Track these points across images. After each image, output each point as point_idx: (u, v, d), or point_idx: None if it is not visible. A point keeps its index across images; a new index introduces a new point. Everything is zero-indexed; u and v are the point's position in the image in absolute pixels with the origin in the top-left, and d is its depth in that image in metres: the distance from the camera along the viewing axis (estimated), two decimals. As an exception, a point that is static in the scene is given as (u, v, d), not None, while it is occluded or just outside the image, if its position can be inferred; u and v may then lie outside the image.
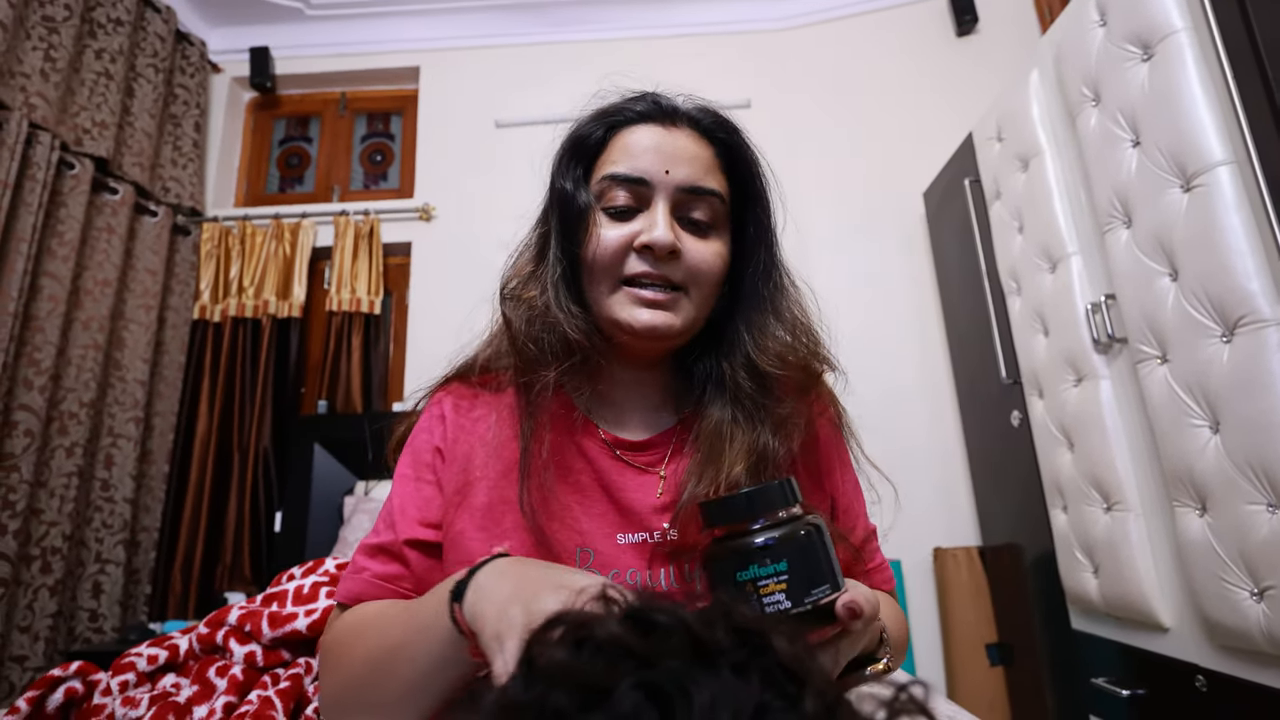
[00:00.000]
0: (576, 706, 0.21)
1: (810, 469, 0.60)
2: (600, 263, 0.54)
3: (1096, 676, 1.32)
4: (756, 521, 0.41)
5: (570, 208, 0.56)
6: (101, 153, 1.94)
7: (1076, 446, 1.35)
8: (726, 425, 0.55)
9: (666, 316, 0.53)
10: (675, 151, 0.55)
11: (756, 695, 0.21)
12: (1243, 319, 0.97)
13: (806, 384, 0.59)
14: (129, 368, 1.95)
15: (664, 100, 0.58)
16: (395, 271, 2.36)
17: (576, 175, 0.57)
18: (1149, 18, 1.12)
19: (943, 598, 1.86)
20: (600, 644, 0.23)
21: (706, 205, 0.55)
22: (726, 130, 0.58)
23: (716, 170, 0.57)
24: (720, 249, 0.56)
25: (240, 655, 0.88)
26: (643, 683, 0.21)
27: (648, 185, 0.54)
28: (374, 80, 2.53)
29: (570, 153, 0.58)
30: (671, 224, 0.53)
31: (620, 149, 0.56)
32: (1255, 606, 0.96)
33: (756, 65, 2.37)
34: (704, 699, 0.21)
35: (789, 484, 0.42)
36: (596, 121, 0.58)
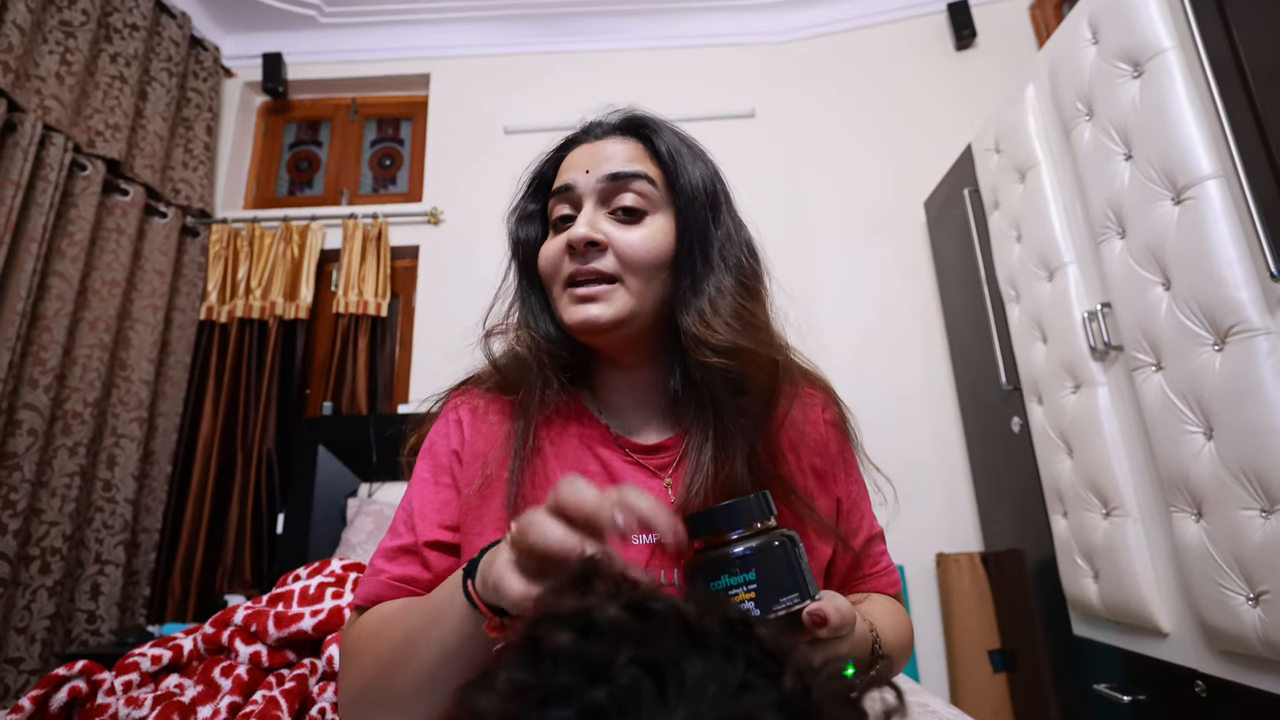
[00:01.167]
0: (580, 683, 0.23)
1: (817, 472, 0.61)
2: (545, 273, 0.57)
3: (1098, 682, 1.33)
4: (733, 534, 0.44)
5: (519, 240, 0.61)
6: (113, 154, 1.97)
7: (1075, 452, 1.36)
8: (710, 437, 0.54)
9: (596, 308, 0.54)
10: (597, 154, 0.58)
11: (741, 674, 0.23)
12: (1233, 328, 0.99)
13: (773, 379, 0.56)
14: (134, 368, 1.97)
15: (594, 121, 0.62)
16: (402, 274, 2.39)
17: (529, 211, 0.62)
18: (1139, 37, 1.15)
19: (945, 604, 1.86)
20: (601, 627, 0.25)
21: (634, 191, 0.56)
22: (645, 125, 0.60)
23: (645, 159, 0.58)
24: (652, 232, 0.55)
25: (245, 655, 0.88)
26: (639, 660, 0.23)
27: (573, 190, 0.57)
28: (385, 86, 2.58)
29: (529, 191, 0.63)
30: (595, 218, 0.55)
31: (560, 171, 0.60)
32: (1251, 611, 0.97)
33: (761, 76, 2.41)
34: (695, 675, 0.23)
35: (764, 498, 0.45)
36: (548, 159, 0.63)
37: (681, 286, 0.56)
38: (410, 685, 0.47)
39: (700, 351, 0.53)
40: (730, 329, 0.54)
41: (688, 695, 0.22)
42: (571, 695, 0.22)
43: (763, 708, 0.22)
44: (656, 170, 0.58)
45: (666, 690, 0.22)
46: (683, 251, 0.56)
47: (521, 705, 0.23)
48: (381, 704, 0.49)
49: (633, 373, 0.61)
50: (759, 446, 0.54)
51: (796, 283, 0.64)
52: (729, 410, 0.54)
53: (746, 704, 0.22)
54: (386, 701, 0.49)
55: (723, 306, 0.55)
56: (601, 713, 0.22)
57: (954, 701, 1.76)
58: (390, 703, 0.48)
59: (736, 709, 0.22)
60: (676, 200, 0.58)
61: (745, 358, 0.54)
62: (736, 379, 0.54)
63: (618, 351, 0.60)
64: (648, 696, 0.22)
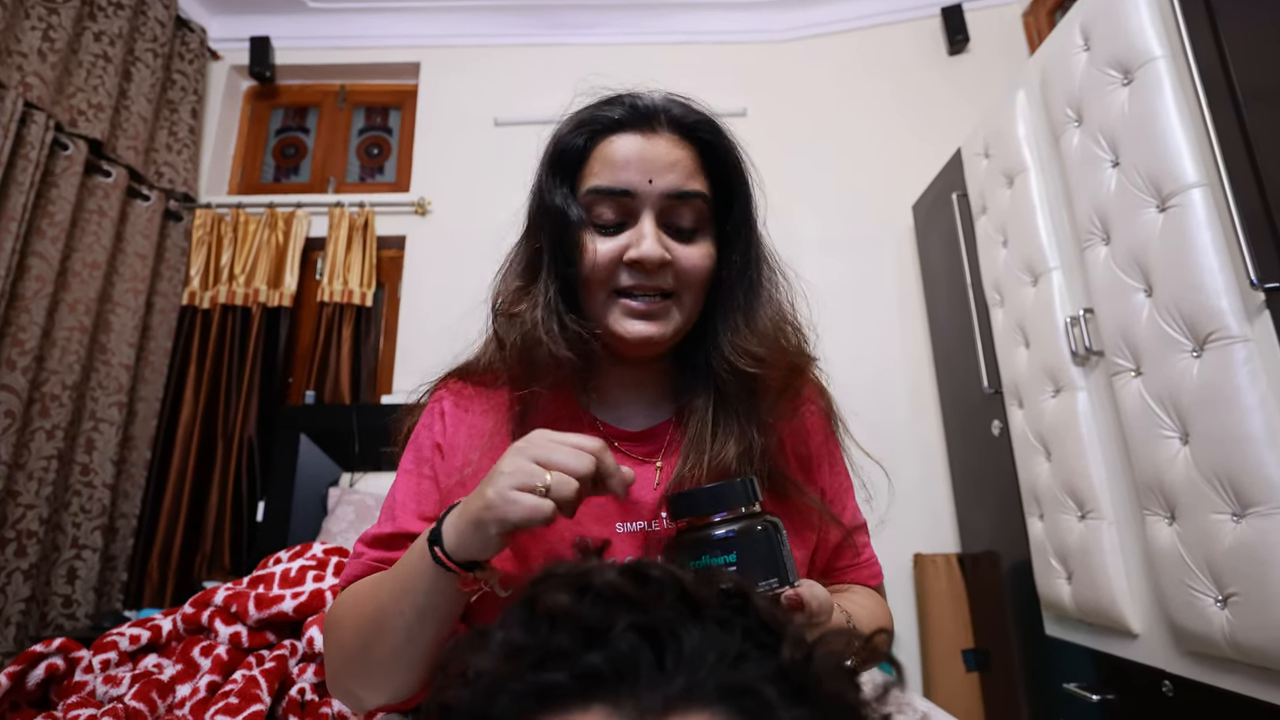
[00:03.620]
0: (577, 646, 0.23)
1: (802, 461, 0.62)
2: (594, 277, 0.55)
3: (1069, 682, 1.35)
4: (716, 516, 0.44)
5: (562, 224, 0.55)
6: (96, 135, 1.92)
7: (1054, 456, 1.39)
8: (713, 413, 0.56)
9: (658, 326, 0.55)
10: (657, 158, 0.54)
11: (738, 644, 0.23)
12: (1212, 335, 1.01)
13: (789, 382, 0.59)
14: (114, 351, 1.93)
15: (642, 103, 0.57)
16: (388, 264, 2.36)
17: (565, 191, 0.56)
18: (1130, 44, 1.17)
19: (922, 603, 1.89)
20: (599, 591, 0.25)
21: (691, 209, 0.55)
22: (708, 130, 0.58)
23: (699, 172, 0.56)
24: (707, 249, 0.57)
25: (225, 636, 0.88)
26: (638, 625, 0.23)
27: (633, 196, 0.54)
28: (374, 74, 2.54)
29: (554, 164, 0.58)
30: (659, 235, 0.54)
31: (601, 161, 0.55)
32: (1219, 613, 0.99)
33: (753, 75, 2.42)
34: (693, 643, 0.23)
35: (750, 483, 0.45)
36: (576, 131, 0.57)
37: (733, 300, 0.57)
38: (388, 653, 0.48)
39: (742, 360, 0.55)
40: (773, 338, 0.57)
41: (686, 664, 0.22)
42: (568, 658, 0.22)
43: (760, 678, 0.22)
44: (708, 186, 0.57)
45: (664, 658, 0.22)
46: (737, 267, 0.58)
47: (517, 666, 0.23)
48: (362, 674, 0.50)
49: (637, 369, 0.61)
50: (757, 444, 0.56)
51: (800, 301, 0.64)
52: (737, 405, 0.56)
53: (744, 674, 0.22)
54: (366, 672, 0.50)
55: (769, 317, 0.57)
56: (598, 677, 0.22)
57: (928, 699, 1.79)
58: (369, 673, 0.50)
59: (734, 679, 0.22)
60: (733, 216, 0.59)
61: (771, 365, 0.56)
62: (756, 382, 0.56)
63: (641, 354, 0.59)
64: (646, 663, 0.22)
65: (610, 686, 0.22)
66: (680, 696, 0.21)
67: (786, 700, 0.22)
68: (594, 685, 0.22)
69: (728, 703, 0.22)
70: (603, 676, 0.22)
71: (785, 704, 0.22)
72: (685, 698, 0.21)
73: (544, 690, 0.22)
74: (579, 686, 0.22)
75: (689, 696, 0.22)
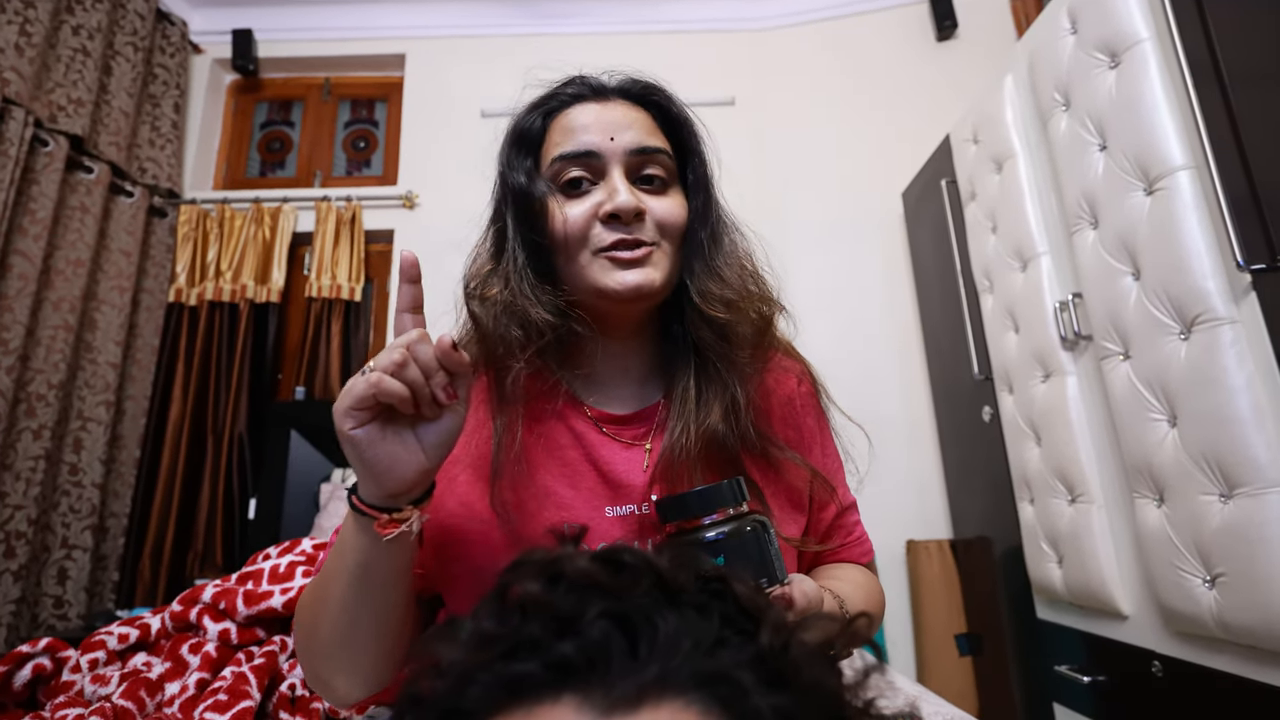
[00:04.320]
0: (549, 635, 0.22)
1: (794, 444, 0.62)
2: (571, 239, 0.55)
3: (1060, 664, 1.36)
4: (705, 518, 0.44)
5: (527, 197, 0.56)
6: (77, 130, 1.89)
7: (1044, 440, 1.40)
8: (695, 380, 0.57)
9: (647, 273, 0.54)
10: (615, 120, 0.56)
11: (716, 630, 0.23)
12: (1199, 317, 1.01)
13: (761, 330, 0.59)
14: (100, 350, 1.91)
15: (592, 79, 0.60)
16: (377, 259, 2.34)
17: (527, 166, 0.58)
18: (1116, 27, 1.16)
19: (915, 589, 1.90)
20: (571, 579, 0.24)
21: (657, 163, 0.57)
22: (656, 94, 0.60)
23: (657, 131, 0.59)
24: (680, 200, 0.58)
25: (214, 633, 0.87)
26: (610, 613, 0.22)
27: (598, 156, 0.55)
28: (359, 66, 2.51)
29: (514, 146, 0.59)
30: (630, 187, 0.55)
31: (561, 131, 0.57)
32: (1208, 593, 1.00)
33: (741, 64, 2.40)
34: (668, 630, 0.22)
35: (737, 483, 0.46)
36: (533, 112, 0.60)
37: (696, 246, 0.58)
38: (331, 630, 0.49)
39: (713, 307, 0.56)
40: (739, 281, 0.58)
41: (660, 651, 0.22)
42: (539, 648, 0.22)
43: (738, 665, 0.22)
44: (667, 143, 0.59)
45: (638, 645, 0.22)
46: (696, 220, 0.58)
47: (486, 656, 0.22)
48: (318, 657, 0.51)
49: (622, 343, 0.61)
50: (739, 397, 0.56)
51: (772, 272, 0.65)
52: (716, 359, 0.57)
53: (721, 661, 0.22)
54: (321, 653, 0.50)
55: (732, 263, 0.59)
56: (569, 667, 0.21)
57: (921, 684, 1.81)
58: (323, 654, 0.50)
59: (710, 666, 0.22)
60: (691, 169, 0.60)
61: (747, 309, 0.57)
62: (732, 332, 0.56)
63: (621, 324, 0.60)
64: (618, 651, 0.21)
65: (581, 676, 0.21)
66: (654, 684, 0.21)
67: (764, 687, 0.21)
68: (565, 675, 0.21)
69: (703, 690, 0.21)
70: (574, 666, 0.21)
71: (762, 691, 0.21)
72: (659, 686, 0.21)
73: (514, 681, 0.22)
74: (550, 676, 0.21)
75: (663, 684, 0.21)
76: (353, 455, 0.44)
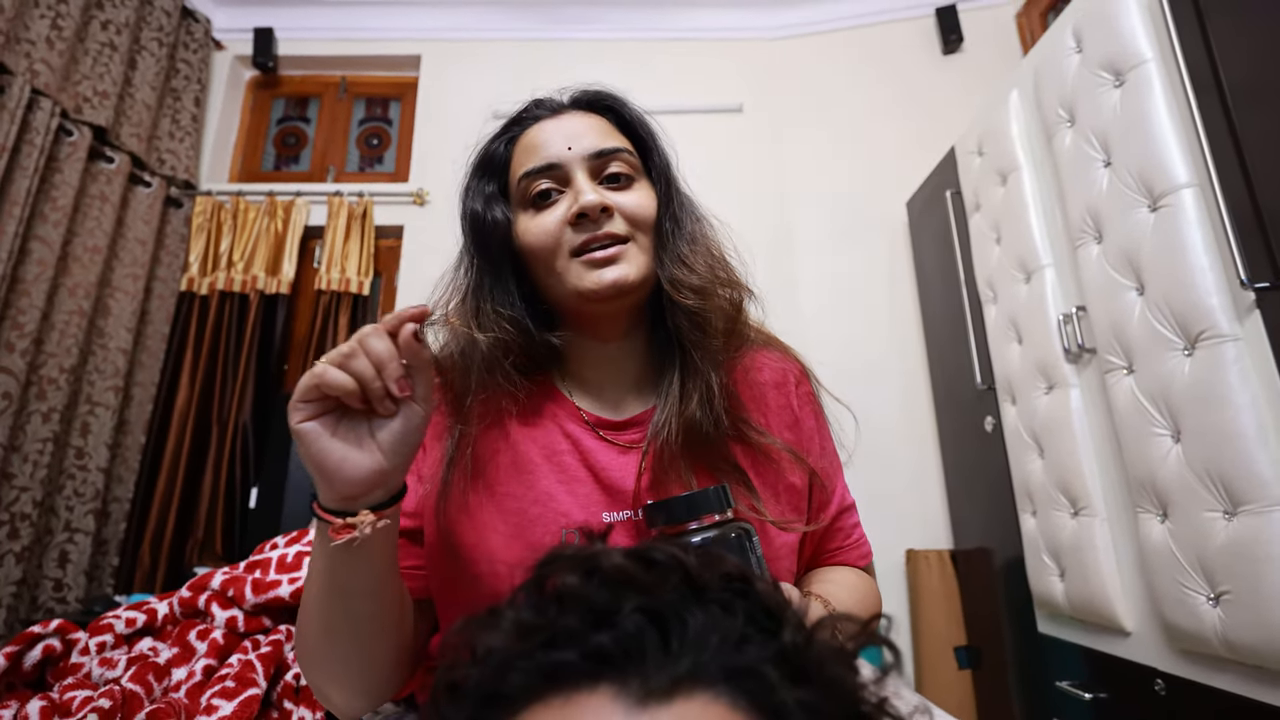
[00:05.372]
0: (586, 626, 0.23)
1: (792, 444, 0.62)
2: (545, 247, 0.56)
3: (1061, 680, 1.34)
4: (690, 524, 0.45)
5: (484, 221, 0.59)
6: (100, 121, 1.92)
7: (1046, 452, 1.40)
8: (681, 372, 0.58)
9: (622, 269, 0.55)
10: (572, 130, 0.58)
11: (740, 627, 0.24)
12: (1203, 333, 1.01)
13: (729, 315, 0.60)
14: (112, 336, 1.93)
15: (547, 99, 0.63)
16: (386, 254, 2.36)
17: (488, 191, 0.60)
18: (1121, 47, 1.17)
19: (914, 600, 1.90)
20: (606, 574, 0.25)
21: (619, 160, 0.58)
22: (611, 100, 0.63)
23: (614, 133, 0.60)
24: (646, 193, 0.59)
25: (222, 620, 0.88)
26: (644, 608, 0.24)
27: (559, 167, 0.57)
28: (375, 66, 2.53)
29: (478, 173, 0.62)
30: (595, 187, 0.56)
31: (523, 151, 0.59)
32: (1212, 611, 0.98)
33: (749, 72, 2.42)
34: (697, 626, 0.23)
35: (723, 490, 0.47)
36: (497, 140, 0.63)
37: (665, 240, 0.59)
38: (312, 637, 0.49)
39: (680, 294, 0.56)
40: (706, 267, 0.58)
41: (690, 645, 0.23)
42: (577, 638, 0.23)
43: (763, 660, 0.23)
44: (627, 142, 0.61)
45: (670, 640, 0.23)
46: (664, 211, 0.60)
47: (528, 645, 0.23)
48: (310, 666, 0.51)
49: (613, 346, 0.61)
50: (713, 383, 0.57)
51: (777, 278, 0.66)
52: (696, 349, 0.57)
53: (747, 656, 0.23)
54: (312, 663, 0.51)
55: (699, 250, 0.60)
56: (607, 657, 0.22)
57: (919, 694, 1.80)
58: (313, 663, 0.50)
59: (738, 661, 0.23)
60: (653, 164, 0.61)
61: (716, 293, 0.58)
62: (705, 320, 0.57)
63: (611, 321, 0.60)
64: (652, 645, 0.23)
65: (618, 666, 0.22)
66: (686, 677, 0.22)
67: (788, 682, 0.23)
68: (602, 665, 0.22)
69: (731, 683, 0.22)
70: (611, 656, 0.22)
71: (786, 685, 0.22)
72: (691, 678, 0.22)
73: (554, 668, 0.23)
74: (588, 666, 0.22)
75: (694, 677, 0.22)
76: (302, 452, 0.43)
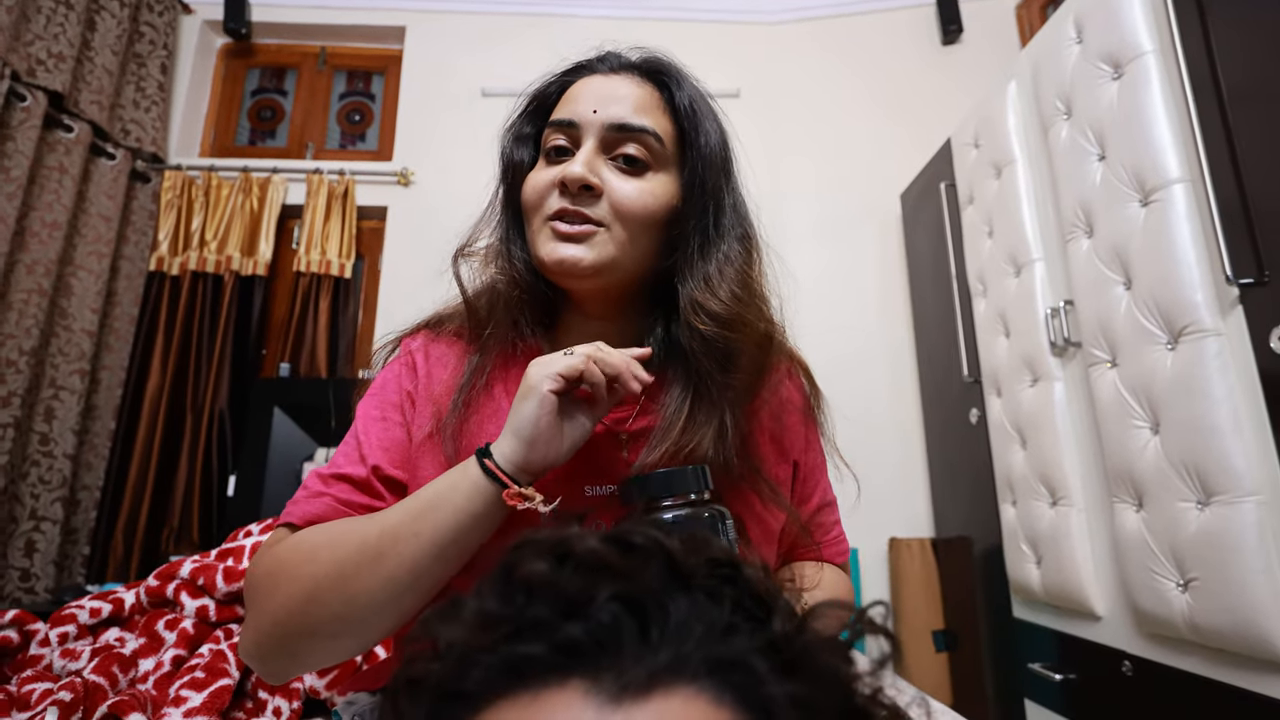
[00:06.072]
0: (556, 616, 0.21)
1: (776, 437, 0.61)
2: (529, 203, 0.55)
3: (1033, 662, 1.39)
4: (665, 500, 0.44)
5: (510, 162, 0.59)
6: (56, 87, 1.83)
7: (1029, 444, 1.41)
8: (687, 403, 0.53)
9: (576, 250, 0.52)
10: (609, 93, 0.55)
11: (727, 616, 0.22)
12: (1186, 328, 1.03)
13: (759, 350, 0.56)
14: (76, 316, 1.86)
15: (613, 55, 0.59)
16: (369, 235, 2.30)
17: (524, 133, 0.59)
18: (1121, 38, 1.17)
19: (895, 586, 1.92)
20: (580, 559, 0.23)
21: (639, 142, 0.54)
22: (668, 73, 0.58)
23: (655, 111, 0.55)
24: (652, 188, 0.54)
25: (192, 609, 0.85)
26: (621, 595, 0.22)
27: (576, 127, 0.54)
28: (356, 37, 2.45)
29: (526, 112, 0.60)
30: (593, 160, 0.53)
31: (564, 100, 0.57)
32: (1180, 597, 1.02)
33: (747, 57, 2.38)
34: (680, 614, 0.22)
35: (702, 471, 0.46)
36: (552, 81, 0.60)
37: (689, 249, 0.55)
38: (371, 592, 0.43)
39: (698, 318, 0.52)
40: (734, 297, 0.53)
41: (671, 636, 0.21)
42: (545, 629, 0.21)
43: (750, 651, 0.21)
44: (669, 125, 0.56)
45: (649, 629, 0.21)
46: (693, 213, 0.55)
47: (490, 637, 0.21)
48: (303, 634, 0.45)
49: (602, 324, 0.59)
50: (731, 424, 0.53)
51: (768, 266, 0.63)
52: (712, 382, 0.53)
53: (733, 647, 0.21)
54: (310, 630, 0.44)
55: (729, 274, 0.54)
56: (578, 650, 0.20)
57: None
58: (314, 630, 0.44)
59: (723, 652, 0.21)
60: (690, 159, 0.56)
61: (742, 330, 0.53)
62: (728, 351, 0.53)
63: (589, 299, 0.58)
64: (629, 635, 0.21)
65: (590, 659, 0.21)
66: (665, 670, 0.20)
67: (777, 674, 0.21)
68: (573, 658, 0.21)
69: (715, 677, 0.21)
70: (582, 649, 0.21)
71: (776, 678, 0.21)
72: (671, 671, 0.20)
73: (519, 663, 0.21)
74: (557, 659, 0.21)
75: (675, 670, 0.20)
76: (530, 416, 0.46)
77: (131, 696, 0.71)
